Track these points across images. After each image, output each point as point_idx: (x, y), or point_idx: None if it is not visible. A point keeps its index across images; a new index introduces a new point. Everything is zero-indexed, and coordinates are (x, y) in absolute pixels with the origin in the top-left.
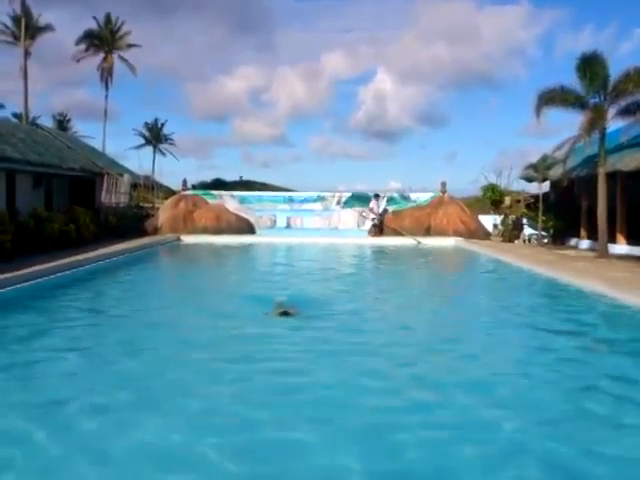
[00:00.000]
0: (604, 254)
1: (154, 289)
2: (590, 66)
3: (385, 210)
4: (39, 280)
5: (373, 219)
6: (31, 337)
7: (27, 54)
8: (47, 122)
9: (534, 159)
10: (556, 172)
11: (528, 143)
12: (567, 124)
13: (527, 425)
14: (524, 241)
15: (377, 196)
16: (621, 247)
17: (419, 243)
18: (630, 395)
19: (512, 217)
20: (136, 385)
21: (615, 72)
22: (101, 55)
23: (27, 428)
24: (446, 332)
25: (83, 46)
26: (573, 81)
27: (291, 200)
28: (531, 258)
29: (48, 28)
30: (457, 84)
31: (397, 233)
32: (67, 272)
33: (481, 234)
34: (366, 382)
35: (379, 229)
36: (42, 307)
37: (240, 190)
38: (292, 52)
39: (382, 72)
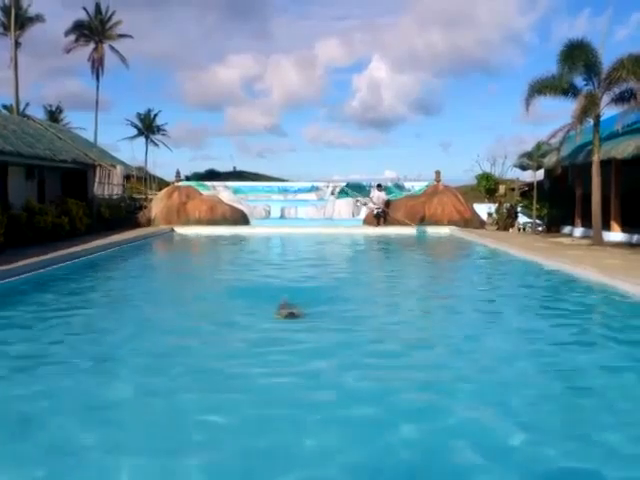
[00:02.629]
0: (598, 241)
1: (149, 282)
2: (574, 54)
3: (388, 200)
4: (32, 273)
5: (376, 209)
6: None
7: (17, 45)
8: (38, 113)
9: (530, 147)
10: (550, 160)
11: (524, 130)
12: (563, 111)
13: None
14: (519, 229)
15: (379, 186)
16: (615, 234)
17: (424, 232)
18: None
19: (506, 205)
20: None
21: (611, 58)
22: (92, 46)
23: None
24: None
25: (73, 37)
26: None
27: (285, 190)
28: (525, 246)
29: (38, 18)
30: (453, 71)
31: (401, 223)
32: (62, 264)
33: (476, 223)
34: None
35: (382, 219)
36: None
37: (234, 181)
38: (286, 40)
39: (377, 60)
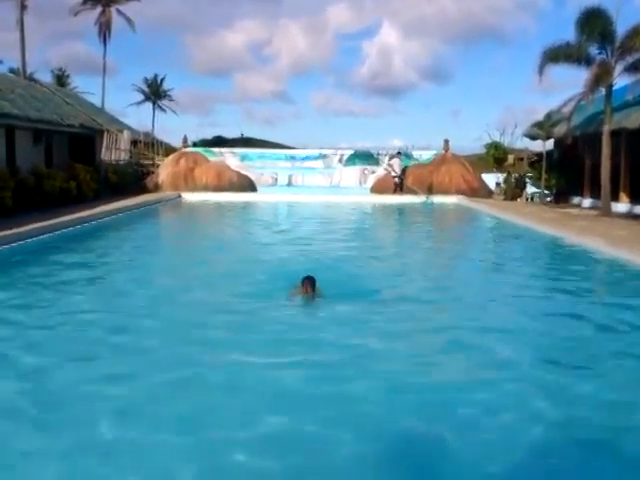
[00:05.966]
0: (606, 212)
1: (159, 249)
2: (592, 21)
3: (405, 167)
4: (41, 237)
5: (394, 177)
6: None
7: (23, 7)
8: (45, 77)
9: (540, 116)
10: (560, 130)
11: (535, 100)
12: (574, 80)
13: None
14: (527, 199)
15: (399, 154)
16: (624, 205)
17: (431, 202)
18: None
19: (515, 175)
20: None
21: (626, 26)
22: (99, 9)
23: None
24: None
25: None
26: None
27: (292, 158)
28: (532, 216)
29: None
30: (464, 38)
31: (412, 191)
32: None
33: (483, 192)
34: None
35: (399, 187)
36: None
37: (241, 147)
38: (295, 4)
39: (387, 26)
